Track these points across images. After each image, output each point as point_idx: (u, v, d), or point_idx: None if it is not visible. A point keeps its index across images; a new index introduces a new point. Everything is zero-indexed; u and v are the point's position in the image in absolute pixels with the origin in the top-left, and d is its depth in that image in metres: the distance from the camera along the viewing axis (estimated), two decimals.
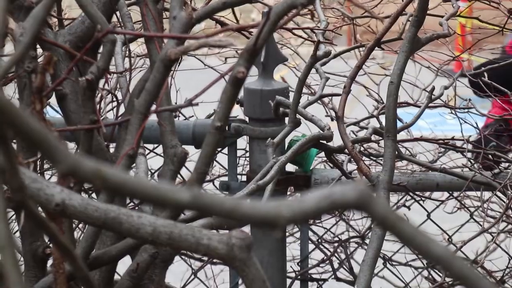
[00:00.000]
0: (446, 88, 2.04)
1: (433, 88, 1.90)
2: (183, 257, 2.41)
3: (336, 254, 2.30)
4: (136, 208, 1.84)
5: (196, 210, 0.54)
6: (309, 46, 2.19)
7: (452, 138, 2.05)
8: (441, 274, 2.35)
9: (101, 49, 1.09)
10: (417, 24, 1.45)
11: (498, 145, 2.12)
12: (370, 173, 1.47)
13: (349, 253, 2.29)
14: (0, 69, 0.53)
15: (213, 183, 2.32)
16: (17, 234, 1.16)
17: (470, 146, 2.00)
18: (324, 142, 1.71)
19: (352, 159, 1.88)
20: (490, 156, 1.91)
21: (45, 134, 0.52)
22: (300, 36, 2.01)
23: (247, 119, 1.94)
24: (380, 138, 1.76)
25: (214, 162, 2.44)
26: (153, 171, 2.23)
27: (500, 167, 1.90)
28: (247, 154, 2.63)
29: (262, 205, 0.53)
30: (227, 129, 1.91)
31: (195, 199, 0.53)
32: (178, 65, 2.44)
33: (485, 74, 2.19)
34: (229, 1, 1.07)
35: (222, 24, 1.84)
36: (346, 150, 1.79)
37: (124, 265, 1.11)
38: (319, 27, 1.94)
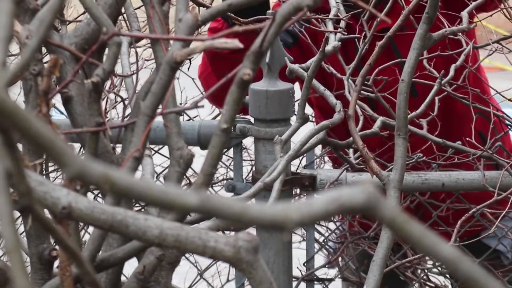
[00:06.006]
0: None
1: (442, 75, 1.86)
2: (187, 257, 2.41)
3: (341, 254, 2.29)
4: (142, 210, 1.84)
5: (205, 214, 0.54)
6: None
7: None
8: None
9: (106, 51, 1.09)
10: (428, 21, 1.44)
11: None
12: (381, 172, 1.46)
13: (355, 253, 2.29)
14: (8, 73, 0.53)
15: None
16: (23, 234, 1.16)
17: None
18: (332, 139, 1.71)
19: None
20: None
21: (53, 138, 0.52)
22: (310, 27, 1.99)
23: (252, 119, 1.94)
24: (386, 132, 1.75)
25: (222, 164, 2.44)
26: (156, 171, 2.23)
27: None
28: (248, 152, 2.64)
29: (270, 209, 0.53)
30: (232, 130, 1.91)
31: (203, 203, 0.53)
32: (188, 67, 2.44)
33: None
34: (235, 2, 1.06)
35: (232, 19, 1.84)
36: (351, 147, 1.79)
37: (131, 267, 1.11)
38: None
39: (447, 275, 2.35)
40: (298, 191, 2.04)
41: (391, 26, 1.54)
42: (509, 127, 2.15)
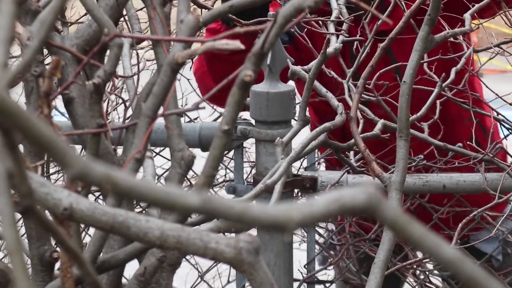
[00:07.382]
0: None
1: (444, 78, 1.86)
2: (188, 259, 2.41)
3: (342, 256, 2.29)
4: (143, 211, 1.84)
5: (206, 214, 0.54)
6: None
7: None
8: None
9: (108, 53, 1.09)
10: (430, 23, 1.43)
11: None
12: (382, 173, 1.46)
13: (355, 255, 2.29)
14: (10, 75, 0.53)
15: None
16: (24, 236, 1.15)
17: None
18: (333, 141, 1.71)
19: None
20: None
21: (55, 139, 0.52)
22: (310, 28, 1.99)
23: (253, 121, 1.94)
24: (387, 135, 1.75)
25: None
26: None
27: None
28: (249, 153, 2.64)
29: (271, 209, 0.53)
30: (233, 131, 1.90)
31: (204, 203, 0.53)
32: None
33: None
34: (236, 4, 1.06)
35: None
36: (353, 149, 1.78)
37: (132, 268, 1.11)
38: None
39: (444, 279, 2.34)
40: (299, 193, 2.04)
41: (388, 29, 1.54)
42: (509, 130, 2.15)
